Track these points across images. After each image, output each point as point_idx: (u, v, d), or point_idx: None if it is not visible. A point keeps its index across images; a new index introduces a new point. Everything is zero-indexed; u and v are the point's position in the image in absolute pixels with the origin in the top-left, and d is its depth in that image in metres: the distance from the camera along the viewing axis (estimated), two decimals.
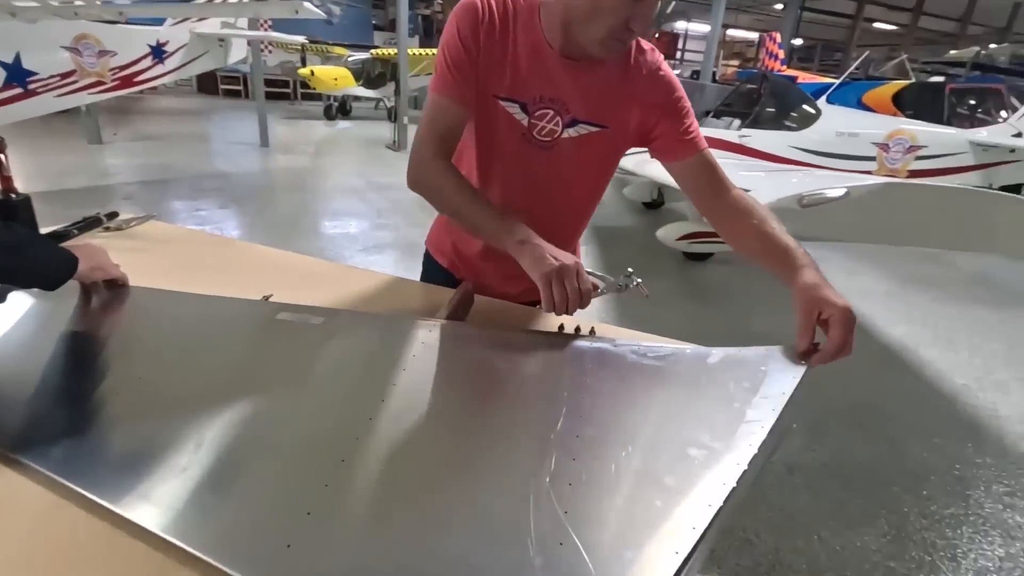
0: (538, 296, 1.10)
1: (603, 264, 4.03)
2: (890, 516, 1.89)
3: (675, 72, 1.07)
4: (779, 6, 15.65)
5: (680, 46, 21.31)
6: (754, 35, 20.07)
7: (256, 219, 4.93)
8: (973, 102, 6.67)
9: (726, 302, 3.83)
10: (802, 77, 9.90)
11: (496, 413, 0.70)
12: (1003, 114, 6.12)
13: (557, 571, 0.47)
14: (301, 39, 9.58)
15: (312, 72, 11.90)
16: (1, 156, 1.14)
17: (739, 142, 4.60)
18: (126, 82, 5.78)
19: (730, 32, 20.57)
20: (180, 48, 6.14)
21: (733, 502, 0.55)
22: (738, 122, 4.82)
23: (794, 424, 0.68)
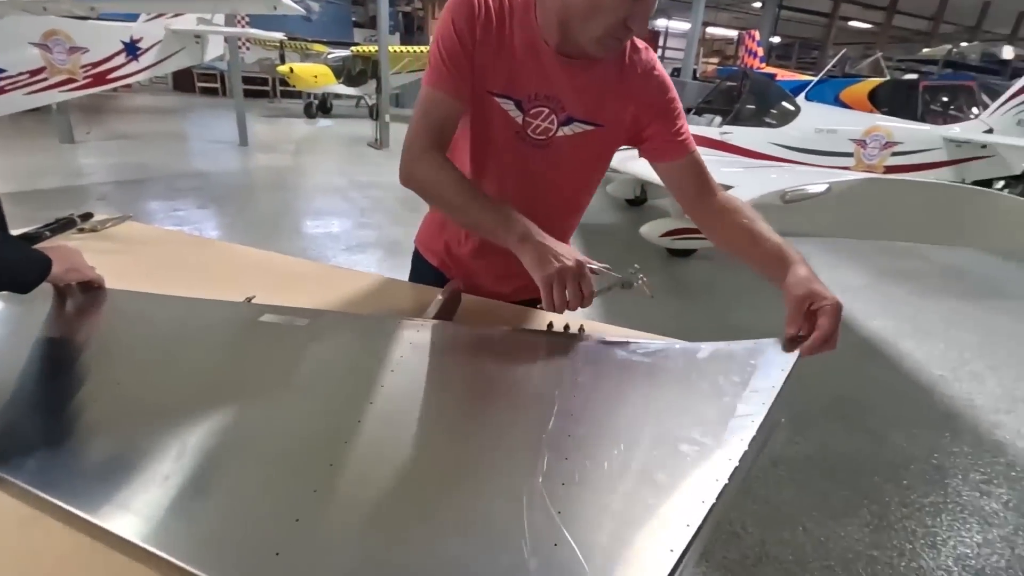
0: (531, 295, 1.10)
1: None
2: (872, 506, 1.92)
3: None
4: (757, 4, 15.84)
5: (660, 44, 21.45)
6: (733, 33, 20.28)
7: (236, 219, 4.85)
8: (946, 99, 6.83)
9: (709, 297, 3.87)
10: (781, 74, 10.03)
11: (486, 414, 0.69)
12: (975, 111, 6.28)
13: (552, 573, 0.47)
14: (280, 36, 9.41)
15: (291, 69, 11.76)
16: None
17: (720, 139, 4.65)
18: (98, 79, 5.65)
19: (710, 30, 20.75)
20: (155, 45, 6.01)
21: (726, 498, 0.55)
22: (719, 119, 4.86)
23: (782, 419, 0.68)
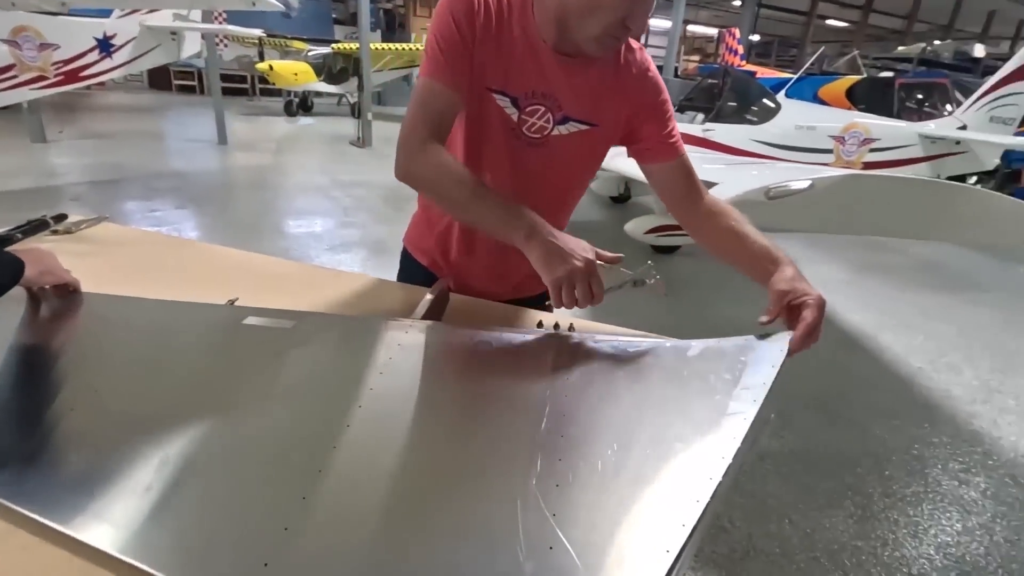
0: (524, 294, 1.10)
1: None
2: (856, 497, 1.96)
3: None
4: (737, 2, 16.00)
5: (642, 41, 21.52)
6: (714, 31, 20.48)
7: (216, 219, 4.76)
8: (920, 96, 6.97)
9: (694, 292, 3.89)
10: (761, 72, 10.14)
11: (478, 415, 0.68)
12: (948, 108, 6.42)
13: None
14: (258, 33, 9.25)
15: (271, 67, 11.59)
16: None
17: (703, 136, 4.68)
18: (71, 77, 5.51)
19: (690, 28, 20.90)
20: (129, 41, 5.88)
21: (719, 496, 0.55)
22: (701, 116, 4.90)
23: (772, 414, 0.69)
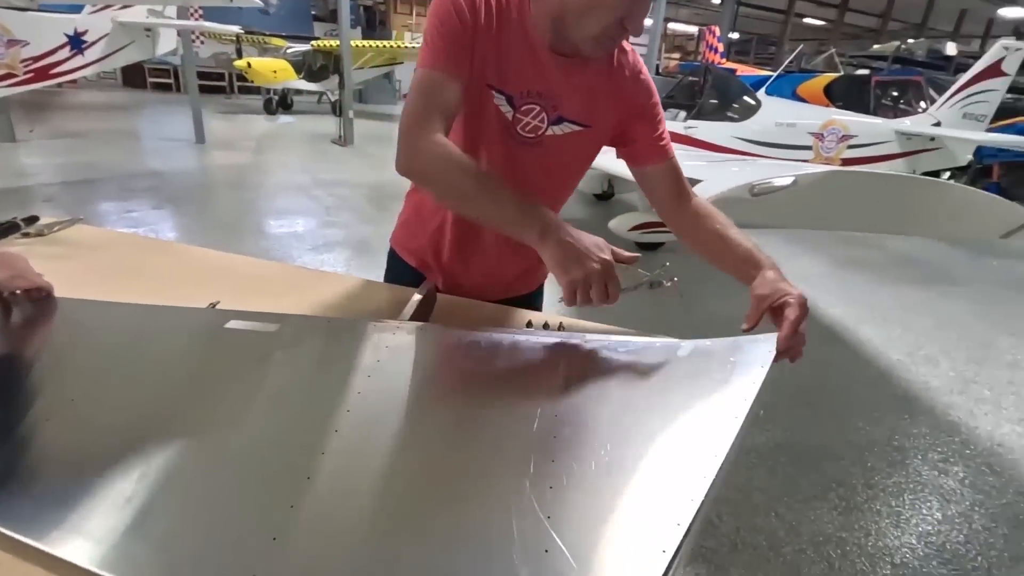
0: (516, 293, 1.09)
1: None
2: (839, 489, 1.99)
3: None
4: (717, 0, 16.14)
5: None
6: (694, 29, 20.64)
7: (195, 220, 4.67)
8: (896, 93, 7.11)
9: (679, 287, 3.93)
10: (741, 70, 10.25)
11: (469, 418, 0.67)
12: (923, 104, 6.55)
13: None
14: (236, 29, 9.10)
15: (249, 64, 11.41)
16: None
17: (686, 133, 4.72)
18: (41, 74, 5.36)
19: (671, 26, 21.05)
20: (101, 38, 5.74)
21: (713, 494, 0.55)
22: (684, 113, 4.94)
23: (760, 411, 0.69)
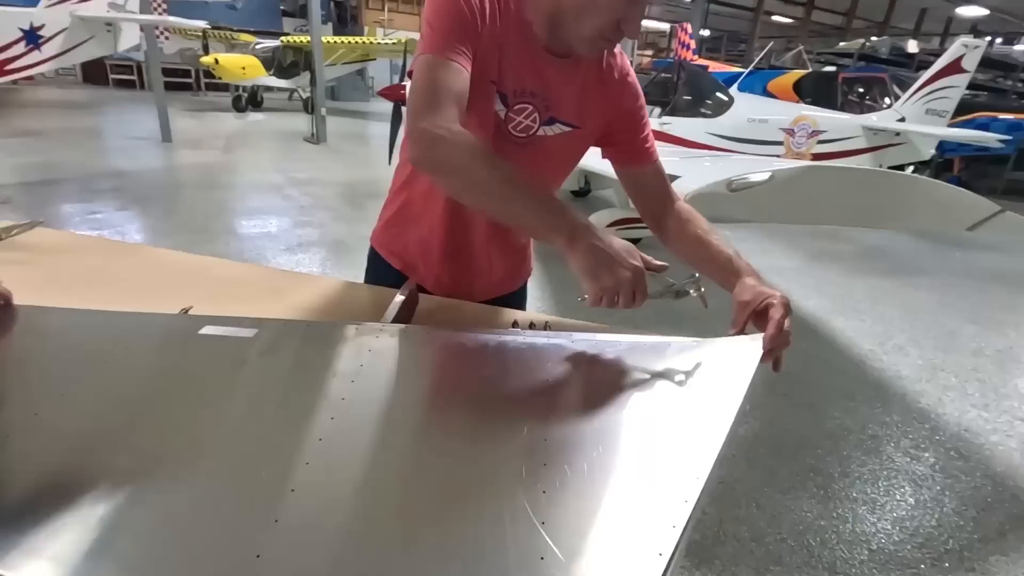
0: (503, 292, 1.08)
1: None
2: (817, 478, 2.03)
3: None
4: None
5: None
6: (666, 26, 20.84)
7: (163, 221, 4.54)
8: (862, 90, 7.30)
9: None
10: (713, 66, 10.40)
11: (457, 422, 0.66)
12: (887, 101, 6.74)
13: None
14: (202, 24, 8.86)
15: (216, 61, 11.13)
16: None
17: (661, 129, 4.76)
18: None
19: (643, 23, 21.18)
20: (59, 33, 5.51)
21: (705, 494, 0.54)
22: (658, 110, 4.98)
23: (748, 406, 0.69)
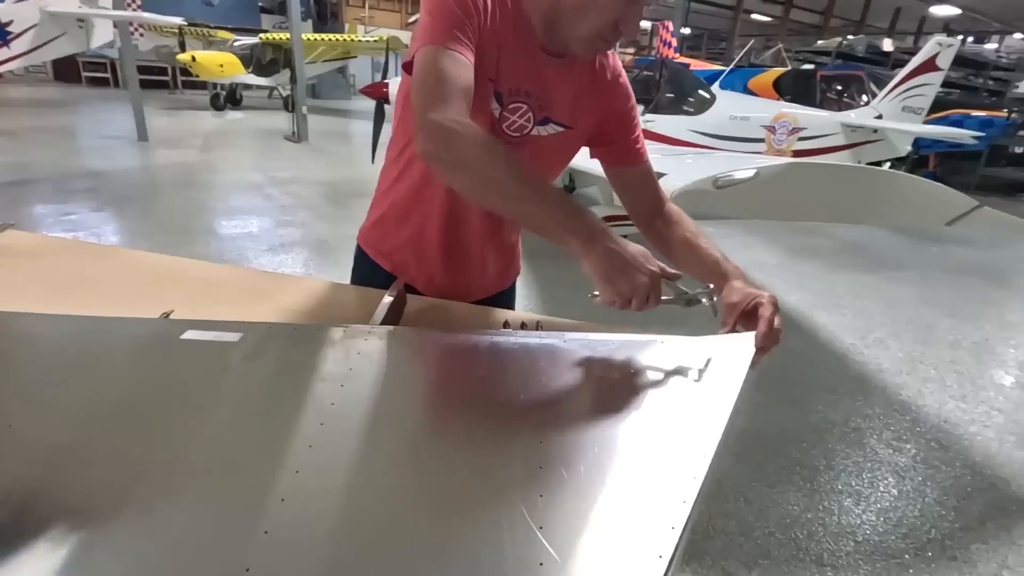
0: (492, 292, 1.07)
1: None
2: (803, 471, 2.05)
3: None
4: None
5: None
6: (647, 24, 20.95)
7: (140, 222, 4.44)
8: (840, 87, 7.41)
9: None
10: (694, 64, 10.46)
11: (451, 427, 0.65)
12: (864, 98, 6.85)
13: None
14: (178, 21, 8.68)
15: (193, 58, 10.92)
16: None
17: (644, 127, 4.75)
18: None
19: None
20: (28, 29, 5.36)
21: (703, 494, 0.54)
22: (641, 108, 5.00)
23: (741, 404, 0.69)
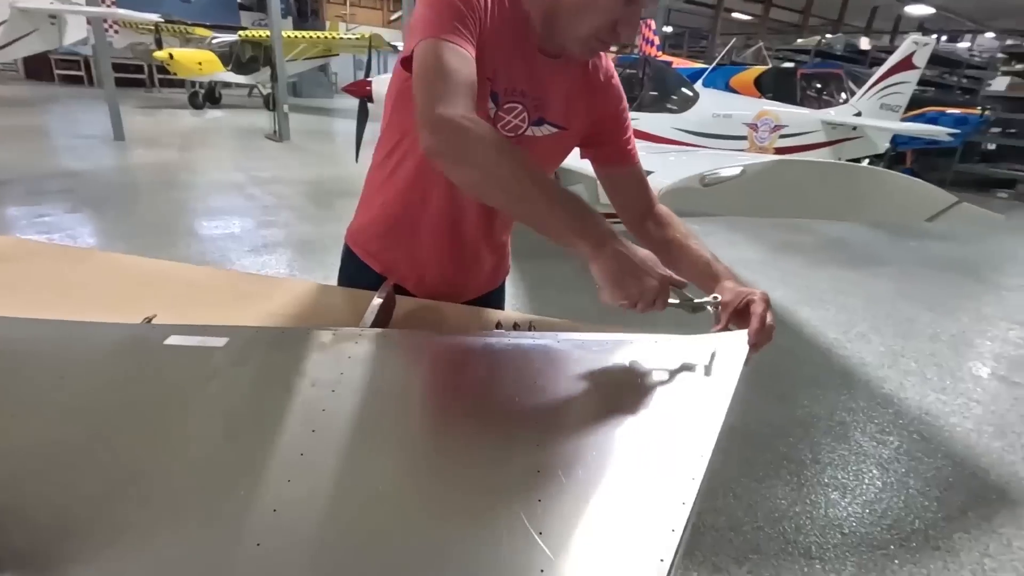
0: (483, 292, 1.05)
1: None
2: (790, 466, 2.07)
3: None
4: None
5: None
6: None
7: (118, 224, 4.34)
8: (819, 85, 7.50)
9: None
10: (677, 62, 10.52)
11: (446, 432, 0.64)
12: (843, 96, 6.95)
13: None
14: (153, 18, 8.50)
15: (171, 56, 10.73)
16: None
17: None
18: None
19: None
20: None
21: (701, 494, 0.53)
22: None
23: (735, 402, 0.69)
